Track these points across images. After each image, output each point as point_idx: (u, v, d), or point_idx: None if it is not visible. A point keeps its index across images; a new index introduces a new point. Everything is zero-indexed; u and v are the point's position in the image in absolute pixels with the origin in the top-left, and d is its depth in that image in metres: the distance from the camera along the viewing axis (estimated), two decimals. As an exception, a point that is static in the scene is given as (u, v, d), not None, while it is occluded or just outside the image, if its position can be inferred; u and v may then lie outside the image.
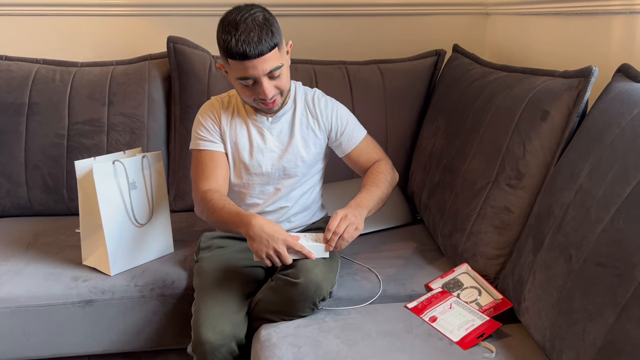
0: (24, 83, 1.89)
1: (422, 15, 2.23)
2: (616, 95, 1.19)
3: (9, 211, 1.91)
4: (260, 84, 1.28)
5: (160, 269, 1.54)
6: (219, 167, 1.41)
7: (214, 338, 1.22)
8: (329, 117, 1.46)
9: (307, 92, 1.49)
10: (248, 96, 1.33)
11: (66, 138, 1.88)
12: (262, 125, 1.44)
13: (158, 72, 1.98)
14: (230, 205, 1.30)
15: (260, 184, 1.46)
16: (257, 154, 1.43)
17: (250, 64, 1.24)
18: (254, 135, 1.43)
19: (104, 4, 2.08)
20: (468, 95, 1.66)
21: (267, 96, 1.30)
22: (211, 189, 1.36)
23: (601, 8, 1.50)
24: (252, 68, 1.24)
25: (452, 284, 1.38)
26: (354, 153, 1.50)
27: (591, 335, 0.94)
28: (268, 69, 1.26)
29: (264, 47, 1.23)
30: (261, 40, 1.22)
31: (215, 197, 1.33)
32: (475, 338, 1.18)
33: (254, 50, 1.22)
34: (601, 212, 1.01)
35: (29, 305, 1.43)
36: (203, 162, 1.41)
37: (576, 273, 1.02)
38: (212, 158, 1.42)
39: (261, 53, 1.23)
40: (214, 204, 1.31)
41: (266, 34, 1.23)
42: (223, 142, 1.43)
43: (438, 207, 1.61)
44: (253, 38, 1.21)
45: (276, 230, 1.22)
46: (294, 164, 1.44)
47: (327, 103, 1.48)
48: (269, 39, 1.23)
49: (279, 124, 1.44)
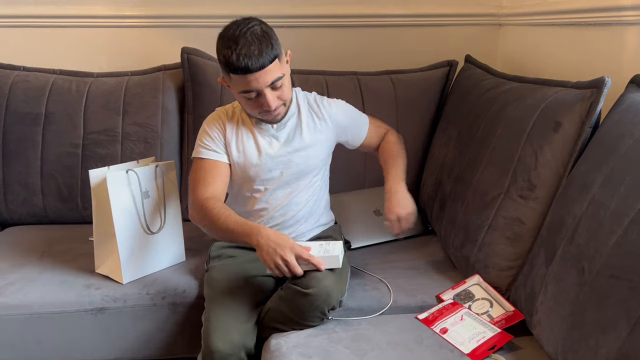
0: (41, 93, 1.93)
1: (434, 26, 2.24)
2: (629, 106, 1.18)
3: (24, 219, 1.93)
4: (264, 95, 1.30)
5: (172, 278, 1.55)
6: (219, 176, 1.42)
7: (224, 347, 1.22)
8: (334, 115, 1.51)
9: (307, 96, 1.53)
10: (252, 109, 1.36)
11: (81, 147, 1.90)
12: (269, 133, 1.45)
13: (172, 83, 2.00)
14: (234, 214, 1.31)
15: (271, 190, 1.47)
16: (267, 161, 1.44)
17: (252, 77, 1.26)
18: (262, 143, 1.45)
19: (120, 15, 2.11)
20: (480, 106, 1.66)
21: (271, 107, 1.32)
22: (212, 197, 1.36)
23: (614, 19, 1.50)
24: (255, 81, 1.27)
25: (464, 295, 1.37)
26: (366, 141, 1.60)
27: (604, 348, 0.92)
28: (270, 81, 1.28)
29: (264, 60, 1.25)
30: (262, 53, 1.24)
31: (218, 205, 1.33)
32: (487, 350, 1.16)
33: (256, 63, 1.24)
34: (614, 224, 1.00)
35: (42, 312, 1.44)
36: (205, 170, 1.42)
37: (589, 285, 1.01)
38: (214, 167, 1.43)
39: (262, 66, 1.25)
40: (217, 211, 1.31)
41: (266, 47, 1.25)
42: (227, 154, 1.45)
43: (449, 218, 1.60)
44: (254, 52, 1.24)
45: (284, 239, 1.23)
46: (304, 166, 1.46)
47: (329, 102, 1.53)
48: (269, 51, 1.26)
49: (285, 130, 1.46)
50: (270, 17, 2.11)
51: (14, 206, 1.91)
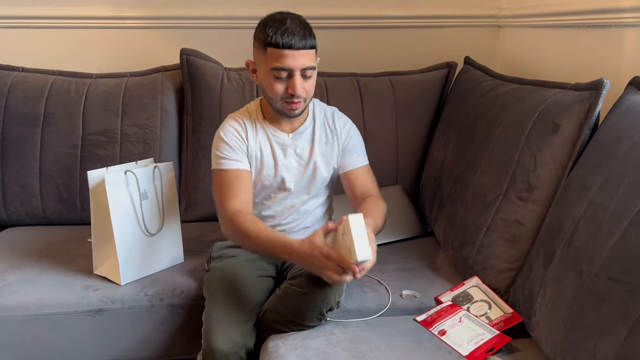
0: (40, 94, 1.93)
1: (433, 27, 2.24)
2: (628, 108, 1.18)
3: (23, 220, 1.93)
4: (294, 78, 1.31)
5: (170, 279, 1.54)
6: (245, 185, 1.40)
7: (225, 346, 1.22)
8: (345, 133, 1.50)
9: (325, 109, 1.51)
10: (277, 91, 1.34)
11: (80, 148, 1.90)
12: (284, 142, 1.45)
13: (171, 84, 2.00)
14: (264, 230, 1.28)
15: (281, 199, 1.47)
16: (282, 170, 1.44)
17: (291, 54, 1.29)
18: (277, 152, 1.44)
19: (119, 16, 2.11)
20: (479, 108, 1.66)
21: (296, 91, 1.32)
22: (241, 211, 1.33)
23: (613, 21, 1.50)
24: (292, 58, 1.29)
25: (462, 297, 1.37)
26: (352, 174, 1.48)
27: (602, 351, 0.92)
28: (305, 65, 1.31)
29: (307, 42, 1.30)
30: (305, 36, 1.30)
31: (248, 220, 1.30)
32: (485, 352, 1.16)
33: (299, 42, 1.29)
34: (613, 226, 1.00)
35: (40, 313, 1.44)
36: (229, 181, 1.39)
37: (587, 288, 1.00)
38: (238, 177, 1.40)
39: (304, 46, 1.30)
40: (247, 226, 1.28)
41: (309, 33, 1.32)
42: (248, 159, 1.43)
43: (448, 220, 1.60)
44: (299, 32, 1.29)
45: (311, 250, 1.16)
46: (314, 179, 1.46)
47: (346, 121, 1.52)
48: (311, 38, 1.32)
49: (300, 140, 1.46)
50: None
51: (13, 207, 1.91)
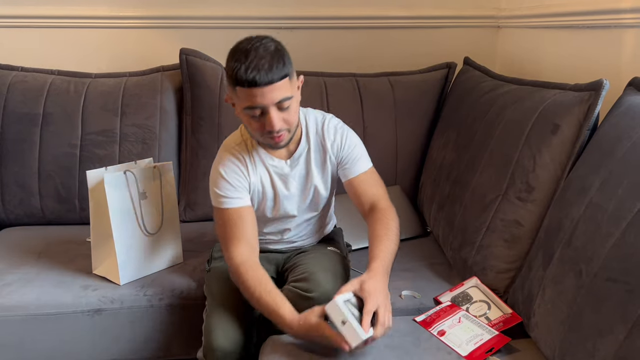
0: (39, 94, 1.92)
1: (433, 28, 2.24)
2: (627, 108, 1.18)
3: (21, 220, 1.93)
4: (268, 114, 1.20)
5: (169, 279, 1.54)
6: (248, 224, 1.33)
7: (226, 344, 1.23)
8: (335, 148, 1.39)
9: (317, 124, 1.40)
10: (255, 129, 1.26)
11: (79, 148, 1.90)
12: (283, 172, 1.38)
13: (170, 84, 2.00)
14: (264, 296, 1.22)
15: (281, 222, 1.45)
16: (284, 201, 1.40)
17: (259, 92, 1.17)
18: (278, 183, 1.38)
19: (118, 16, 2.11)
20: (478, 108, 1.66)
21: (274, 127, 1.21)
22: (246, 262, 1.28)
23: (613, 22, 1.50)
24: (261, 96, 1.18)
25: (461, 297, 1.37)
26: (355, 180, 1.39)
27: (601, 351, 0.92)
28: (277, 98, 1.19)
29: (274, 75, 1.17)
30: (272, 68, 1.17)
31: (250, 277, 1.25)
32: (484, 352, 1.16)
33: (264, 77, 1.16)
34: (612, 226, 1.00)
35: (39, 313, 1.44)
36: (232, 222, 1.32)
37: (586, 288, 1.01)
38: (240, 216, 1.33)
39: (271, 81, 1.17)
40: (250, 285, 1.24)
41: (277, 62, 1.17)
42: (250, 194, 1.37)
43: (448, 220, 1.60)
44: (264, 65, 1.16)
45: (309, 331, 1.15)
46: (315, 201, 1.43)
47: (336, 129, 1.40)
48: (280, 67, 1.18)
49: (298, 168, 1.39)
50: (269, 18, 2.13)
51: (12, 207, 1.90)
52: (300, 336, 1.17)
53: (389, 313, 1.15)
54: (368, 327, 1.10)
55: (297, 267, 1.38)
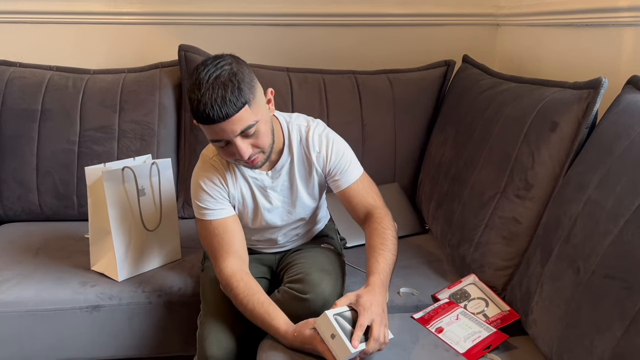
0: (37, 90, 1.92)
1: (432, 25, 2.24)
2: (626, 107, 1.18)
3: (19, 216, 1.93)
4: (234, 144, 1.15)
5: (168, 276, 1.54)
6: (234, 234, 1.30)
7: (219, 353, 1.22)
8: (321, 160, 1.34)
9: (301, 133, 1.34)
10: (226, 156, 1.22)
11: (77, 144, 1.90)
12: (265, 185, 1.34)
13: (169, 80, 2.00)
14: (258, 307, 1.20)
15: (267, 232, 1.43)
16: (266, 214, 1.37)
17: (217, 127, 1.12)
18: (259, 197, 1.35)
19: (117, 12, 2.11)
20: (477, 106, 1.66)
21: (243, 157, 1.17)
22: (236, 273, 1.25)
23: (611, 20, 1.50)
24: (221, 131, 1.13)
25: (459, 294, 1.37)
26: (347, 192, 1.34)
27: (599, 348, 0.93)
28: (238, 130, 1.13)
29: (229, 110, 1.10)
30: (225, 101, 1.09)
31: (240, 288, 1.23)
32: (482, 350, 1.16)
33: (219, 113, 1.09)
34: (610, 224, 1.00)
35: (37, 309, 1.44)
36: (217, 234, 1.29)
37: (584, 285, 1.01)
38: (225, 227, 1.30)
39: (227, 115, 1.10)
40: (241, 299, 1.22)
41: (232, 93, 1.10)
42: (232, 203, 1.34)
43: (446, 217, 1.60)
44: (216, 100, 1.09)
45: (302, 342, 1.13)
46: (301, 212, 1.41)
47: (320, 139, 1.33)
48: (234, 98, 1.10)
49: (280, 179, 1.35)
50: (268, 15, 2.12)
51: (10, 203, 1.90)
52: (295, 347, 1.16)
53: (385, 328, 1.11)
54: (358, 341, 1.06)
55: (292, 267, 1.37)
